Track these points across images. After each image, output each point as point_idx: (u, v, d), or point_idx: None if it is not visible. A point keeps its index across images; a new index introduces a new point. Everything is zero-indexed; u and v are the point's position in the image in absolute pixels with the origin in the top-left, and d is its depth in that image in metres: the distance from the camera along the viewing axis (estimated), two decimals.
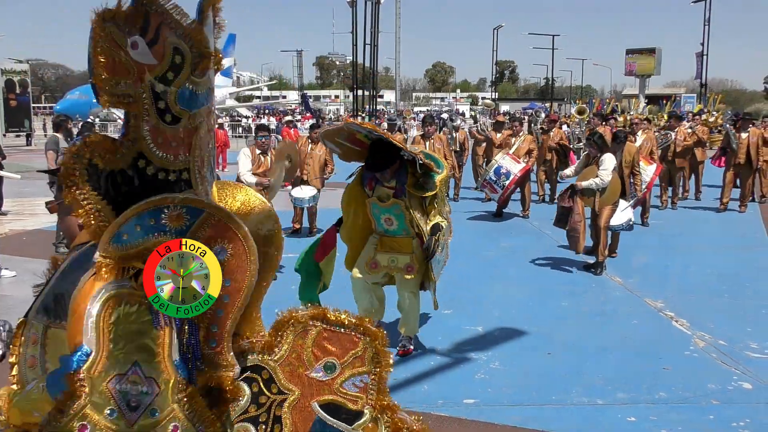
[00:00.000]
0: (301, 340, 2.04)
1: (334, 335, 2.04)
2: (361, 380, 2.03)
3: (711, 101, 31.34)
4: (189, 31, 1.80)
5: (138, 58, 1.77)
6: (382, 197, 5.25)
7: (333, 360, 2.03)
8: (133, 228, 1.82)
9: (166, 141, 1.86)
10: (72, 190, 1.80)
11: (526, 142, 12.27)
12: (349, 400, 2.02)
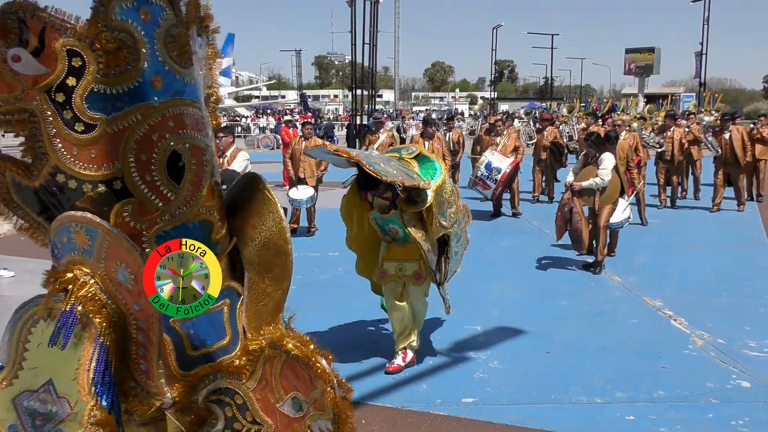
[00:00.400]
0: (269, 368, 1.97)
1: (296, 368, 1.97)
2: (326, 427, 1.98)
3: (708, 100, 31.32)
4: (81, 31, 1.65)
5: (23, 71, 1.64)
6: (382, 209, 5.09)
7: (299, 396, 1.98)
8: (56, 245, 1.79)
9: (83, 152, 1.71)
10: (9, 209, 1.77)
11: (512, 139, 12.29)
12: None
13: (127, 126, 1.71)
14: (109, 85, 1.67)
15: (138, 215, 1.77)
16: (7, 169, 1.72)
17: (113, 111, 1.69)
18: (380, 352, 5.59)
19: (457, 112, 51.17)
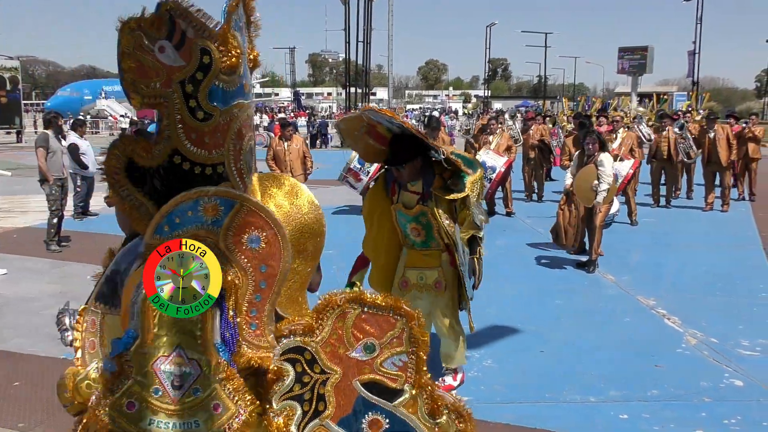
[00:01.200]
0: (340, 323, 2.12)
1: (372, 317, 2.12)
2: (400, 359, 2.11)
3: (695, 99, 31.43)
4: (215, 33, 1.89)
5: (166, 61, 1.87)
6: (407, 203, 4.65)
7: (372, 340, 2.11)
8: (173, 220, 1.93)
9: (200, 137, 1.96)
10: (115, 188, 1.93)
11: (504, 138, 12.25)
12: (389, 378, 2.10)
13: (231, 119, 2.00)
14: (225, 83, 1.95)
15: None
16: (132, 149, 1.90)
17: (224, 105, 1.97)
18: None
19: (450, 110, 51.20)
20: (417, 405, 2.11)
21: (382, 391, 2.10)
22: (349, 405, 2.10)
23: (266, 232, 1.98)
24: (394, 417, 2.11)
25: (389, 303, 2.12)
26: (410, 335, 2.11)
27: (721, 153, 12.72)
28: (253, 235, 1.97)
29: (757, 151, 14.09)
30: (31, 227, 10.97)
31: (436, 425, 2.12)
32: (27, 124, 36.89)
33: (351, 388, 2.10)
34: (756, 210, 13.28)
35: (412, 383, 2.11)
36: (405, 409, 2.11)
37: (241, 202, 1.96)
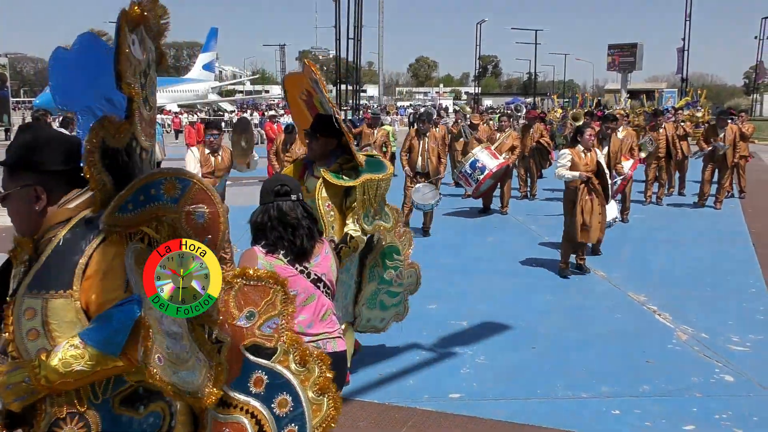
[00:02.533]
0: (226, 296, 2.46)
1: (252, 288, 2.49)
2: (273, 322, 2.49)
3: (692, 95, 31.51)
4: (156, 35, 2.14)
5: (136, 55, 2.01)
6: (310, 188, 4.47)
7: (252, 309, 2.48)
8: (137, 198, 2.07)
9: (146, 125, 2.17)
10: (90, 166, 2.03)
11: (511, 138, 12.18)
12: (266, 339, 2.48)
13: (155, 109, 2.26)
14: (156, 79, 2.20)
15: None
16: (108, 129, 2.03)
17: (154, 98, 2.23)
18: (366, 347, 5.58)
19: (441, 108, 51.18)
20: (288, 358, 2.50)
21: (261, 351, 2.46)
22: (238, 369, 2.40)
23: (210, 208, 2.17)
24: (272, 372, 2.46)
25: (266, 274, 2.53)
26: (282, 298, 2.51)
27: (728, 151, 12.73)
28: (200, 210, 2.16)
29: (745, 149, 14.07)
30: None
31: (305, 370, 2.53)
32: (15, 121, 36.63)
33: (238, 353, 2.41)
34: (745, 205, 13.36)
35: (283, 341, 2.50)
36: (280, 364, 2.48)
37: (194, 181, 2.16)
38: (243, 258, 3.07)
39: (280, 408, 2.46)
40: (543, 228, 10.96)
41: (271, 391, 2.44)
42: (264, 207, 3.13)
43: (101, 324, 1.96)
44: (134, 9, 1.96)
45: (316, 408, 2.53)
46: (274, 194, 3.13)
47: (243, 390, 2.40)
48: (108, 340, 1.93)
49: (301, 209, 3.14)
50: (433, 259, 8.97)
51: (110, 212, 2.03)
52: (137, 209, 2.07)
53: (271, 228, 3.08)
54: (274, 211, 3.09)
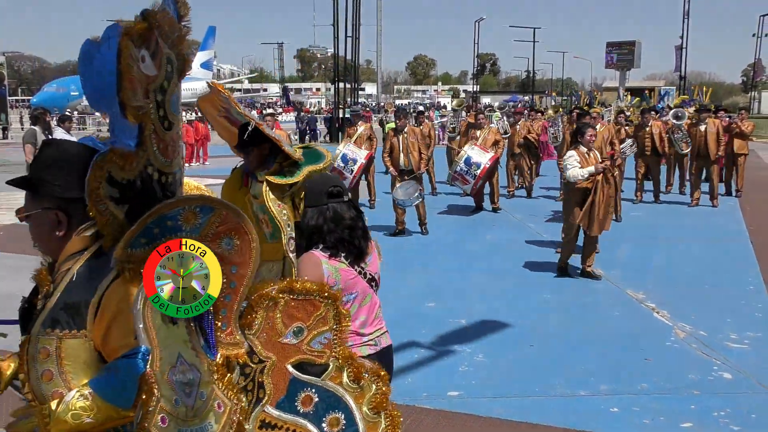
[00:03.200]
0: (271, 313, 2.29)
1: (300, 303, 2.32)
2: (324, 338, 2.34)
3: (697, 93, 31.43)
4: (176, 41, 1.93)
5: (145, 71, 1.85)
6: (256, 194, 4.37)
7: (300, 324, 2.32)
8: (151, 230, 1.90)
9: (165, 146, 1.98)
10: (93, 203, 1.89)
11: (492, 133, 12.19)
12: (316, 356, 2.33)
13: (180, 124, 2.06)
14: (178, 91, 2.02)
15: None
16: (111, 159, 1.88)
17: (178, 113, 2.02)
18: None
19: (439, 105, 51.19)
20: (342, 375, 2.35)
21: (310, 369, 2.31)
22: (284, 388, 2.27)
23: (238, 235, 2.03)
24: (323, 390, 2.32)
25: (315, 288, 2.35)
26: (334, 314, 2.34)
27: (710, 146, 12.72)
28: (227, 238, 2.01)
29: (743, 147, 14.02)
30: (17, 224, 10.86)
31: (359, 388, 2.37)
32: (13, 120, 36.60)
33: (284, 371, 2.28)
34: (743, 203, 13.36)
35: (336, 357, 2.34)
36: (332, 381, 2.34)
37: (219, 208, 1.98)
38: (305, 263, 2.96)
39: (331, 427, 2.34)
40: (541, 226, 10.96)
41: (322, 409, 2.33)
42: (318, 209, 3.02)
43: (110, 375, 1.86)
44: (137, 25, 1.79)
45: (371, 427, 2.40)
46: (328, 195, 3.03)
47: (290, 410, 2.29)
48: (117, 394, 1.83)
49: (354, 210, 3.08)
50: (431, 257, 8.98)
51: (121, 248, 1.87)
52: (152, 243, 1.89)
53: (329, 231, 2.98)
54: (330, 213, 3.00)
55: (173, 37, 1.91)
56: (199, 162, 21.93)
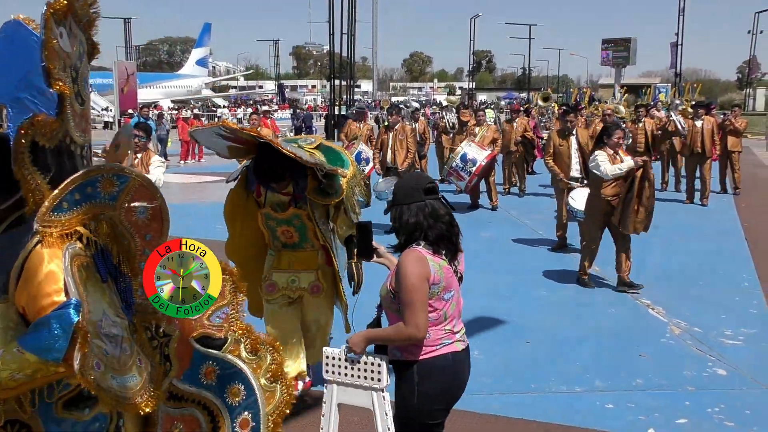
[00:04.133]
0: None
1: None
2: (223, 312, 2.44)
3: (688, 90, 31.49)
4: (86, 25, 2.07)
5: (64, 47, 1.94)
6: (279, 206, 4.27)
7: None
8: (72, 197, 2.00)
9: (79, 121, 2.11)
10: (20, 168, 1.94)
11: (490, 131, 12.15)
12: (215, 330, 2.43)
13: (89, 102, 2.21)
14: (88, 72, 2.13)
15: None
16: (37, 129, 1.94)
17: (89, 92, 2.16)
18: None
19: (435, 103, 51.14)
20: (240, 348, 2.46)
21: (211, 342, 2.42)
22: (188, 360, 2.37)
23: (152, 204, 2.14)
24: (223, 362, 2.43)
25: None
26: (231, 288, 2.44)
27: (706, 143, 12.67)
28: (141, 206, 2.13)
29: (737, 144, 13.93)
30: None
31: (258, 359, 2.49)
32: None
33: (188, 344, 2.37)
34: (738, 201, 13.38)
35: (234, 330, 2.45)
36: (231, 354, 2.44)
37: (133, 177, 2.11)
38: (410, 259, 2.88)
39: (232, 397, 2.45)
40: (537, 223, 10.97)
41: (223, 381, 2.43)
42: (417, 206, 2.93)
43: (39, 330, 1.87)
44: (59, 2, 1.89)
45: (269, 395, 2.51)
46: (425, 192, 2.96)
47: (194, 382, 2.38)
48: (47, 347, 1.84)
49: (448, 206, 3.03)
50: None
51: (44, 212, 1.95)
52: (73, 209, 2.00)
53: (429, 226, 2.91)
54: (428, 209, 2.93)
55: (84, 21, 2.03)
56: (194, 159, 21.90)
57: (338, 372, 3.10)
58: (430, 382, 2.91)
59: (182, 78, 66.43)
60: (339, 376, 3.10)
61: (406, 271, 2.84)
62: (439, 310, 2.90)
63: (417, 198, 2.94)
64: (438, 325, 2.92)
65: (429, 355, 2.91)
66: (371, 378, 3.03)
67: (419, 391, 2.91)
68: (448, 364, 2.95)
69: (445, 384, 2.96)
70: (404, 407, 2.97)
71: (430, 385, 2.91)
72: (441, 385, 2.94)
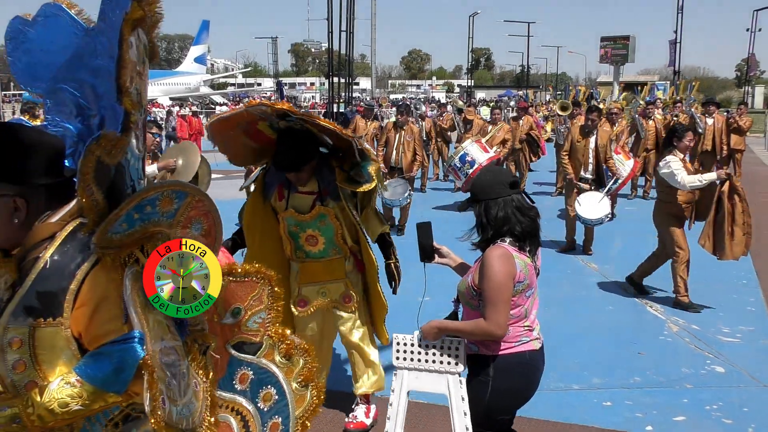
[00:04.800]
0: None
1: (238, 285, 2.40)
2: (260, 317, 2.42)
3: (684, 87, 31.44)
4: (149, 27, 1.88)
5: (132, 57, 1.80)
6: (300, 208, 3.97)
7: (238, 305, 2.40)
8: (131, 216, 1.89)
9: (139, 133, 2.00)
10: (83, 186, 1.83)
11: (503, 131, 11.97)
12: (251, 335, 2.41)
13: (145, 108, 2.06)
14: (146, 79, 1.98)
15: None
16: (103, 144, 1.82)
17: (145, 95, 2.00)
18: None
19: (434, 100, 51.11)
20: (274, 352, 2.46)
21: (247, 347, 2.40)
22: (224, 367, 2.36)
23: (207, 219, 2.09)
24: (257, 368, 2.42)
25: (253, 269, 2.42)
26: (269, 293, 2.42)
27: (716, 140, 12.54)
28: (196, 223, 2.07)
29: (740, 143, 13.83)
30: None
31: (290, 363, 2.49)
32: (6, 114, 36.42)
33: (224, 351, 2.36)
34: None
35: (269, 335, 2.43)
36: (265, 358, 2.44)
37: (192, 193, 2.02)
38: (496, 256, 2.85)
39: (264, 402, 2.45)
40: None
41: (256, 386, 2.43)
42: (504, 200, 2.90)
43: (100, 361, 1.82)
44: (136, 10, 1.74)
45: (299, 399, 2.52)
46: (510, 186, 2.93)
47: (229, 388, 2.38)
48: (110, 379, 1.81)
49: (531, 201, 3.00)
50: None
51: (102, 232, 1.84)
52: (131, 228, 1.90)
53: (517, 221, 2.88)
54: (515, 203, 2.90)
55: (149, 23, 1.86)
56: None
57: (410, 358, 3.08)
58: (505, 378, 2.89)
59: (180, 75, 66.44)
60: (411, 362, 3.07)
61: (493, 269, 2.81)
62: (520, 307, 2.89)
63: (503, 192, 2.90)
64: (518, 322, 2.91)
65: (507, 351, 2.90)
66: (447, 363, 3.00)
67: (493, 387, 2.88)
68: (525, 362, 2.93)
69: (520, 382, 2.93)
70: (475, 400, 2.94)
71: (504, 382, 2.89)
72: (516, 382, 2.92)
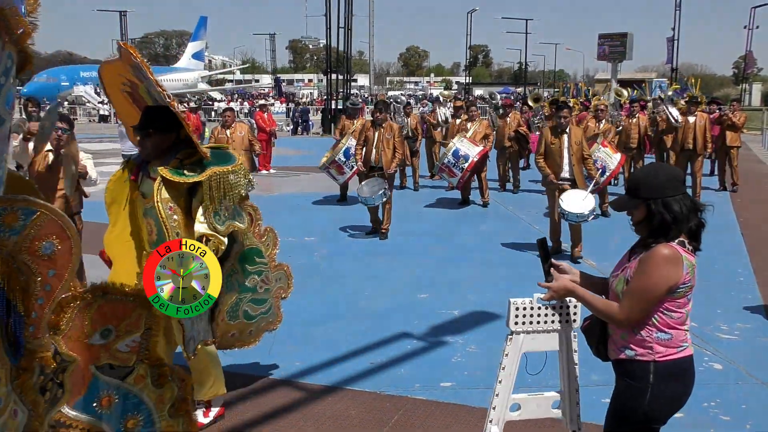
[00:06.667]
0: (81, 314, 2.27)
1: (112, 305, 2.31)
2: (132, 341, 2.34)
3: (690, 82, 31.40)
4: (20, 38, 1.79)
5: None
6: (146, 193, 3.80)
7: (110, 326, 2.32)
8: None
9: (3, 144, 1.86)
10: None
11: (482, 126, 12.05)
12: (121, 359, 2.33)
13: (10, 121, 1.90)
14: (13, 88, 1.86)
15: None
16: None
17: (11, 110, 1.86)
18: (357, 337, 5.58)
19: (432, 97, 51.06)
20: (146, 378, 2.38)
21: (115, 371, 2.33)
22: (83, 388, 2.27)
23: (60, 239, 1.97)
24: (125, 392, 2.35)
25: (132, 291, 2.34)
26: (147, 318, 2.34)
27: (698, 139, 12.56)
28: (47, 242, 1.95)
29: (735, 139, 13.83)
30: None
31: (162, 390, 2.41)
32: None
33: (86, 372, 2.27)
34: (734, 196, 13.41)
35: (142, 360, 2.36)
36: (135, 383, 2.36)
37: (42, 210, 1.92)
38: (666, 258, 2.76)
39: (129, 429, 2.38)
40: (533, 218, 10.98)
41: (120, 410, 2.35)
42: (681, 197, 2.80)
43: None
44: None
45: (168, 428, 2.44)
46: (682, 182, 2.84)
47: (85, 409, 2.28)
48: None
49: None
50: (423, 248, 8.98)
51: None
52: None
53: (688, 220, 2.81)
54: (688, 201, 2.81)
55: (18, 34, 1.79)
56: None
57: (528, 321, 3.16)
58: (667, 384, 2.80)
59: (178, 71, 66.27)
60: (529, 325, 3.17)
61: (658, 269, 2.73)
62: (683, 309, 2.81)
63: (680, 189, 2.81)
64: (681, 325, 2.82)
65: (670, 357, 2.81)
66: (564, 321, 3.20)
67: (652, 393, 2.80)
68: (686, 368, 2.85)
69: (681, 388, 2.85)
70: (628, 406, 2.87)
71: (666, 388, 2.80)
72: (677, 388, 2.84)
